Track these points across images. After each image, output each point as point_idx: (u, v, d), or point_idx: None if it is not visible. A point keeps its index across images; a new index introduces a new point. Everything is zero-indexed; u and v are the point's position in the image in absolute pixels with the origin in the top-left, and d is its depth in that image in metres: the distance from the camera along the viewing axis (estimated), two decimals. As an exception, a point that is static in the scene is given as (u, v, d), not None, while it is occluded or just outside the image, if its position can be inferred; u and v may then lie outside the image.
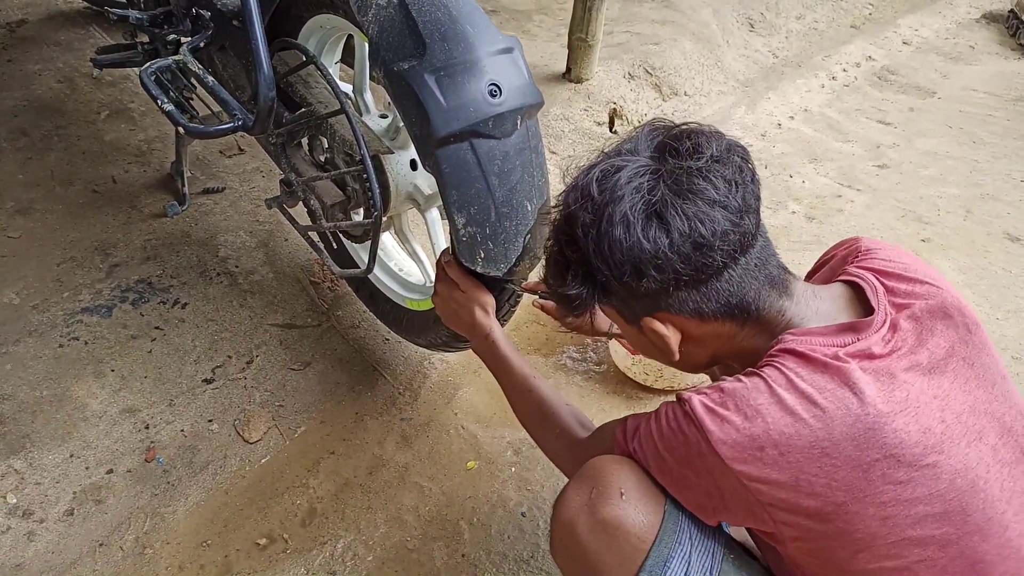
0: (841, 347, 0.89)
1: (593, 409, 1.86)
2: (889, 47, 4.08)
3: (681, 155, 0.92)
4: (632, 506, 0.97)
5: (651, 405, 1.88)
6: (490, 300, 1.37)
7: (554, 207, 1.03)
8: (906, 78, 3.76)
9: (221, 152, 2.54)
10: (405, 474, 1.70)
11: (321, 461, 1.71)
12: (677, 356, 1.01)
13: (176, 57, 1.43)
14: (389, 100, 1.71)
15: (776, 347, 0.92)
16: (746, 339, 0.98)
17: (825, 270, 1.15)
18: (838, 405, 0.85)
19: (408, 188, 1.60)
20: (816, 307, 0.96)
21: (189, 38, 1.83)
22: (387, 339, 2.00)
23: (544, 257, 1.08)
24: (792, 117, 3.29)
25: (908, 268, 1.00)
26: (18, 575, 1.46)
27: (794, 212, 2.66)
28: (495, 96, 1.24)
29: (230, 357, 1.88)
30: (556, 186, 1.13)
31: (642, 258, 0.90)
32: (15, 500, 1.56)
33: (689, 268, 0.90)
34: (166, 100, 1.31)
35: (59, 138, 2.50)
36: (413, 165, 1.59)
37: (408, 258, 1.84)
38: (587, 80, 2.82)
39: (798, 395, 0.86)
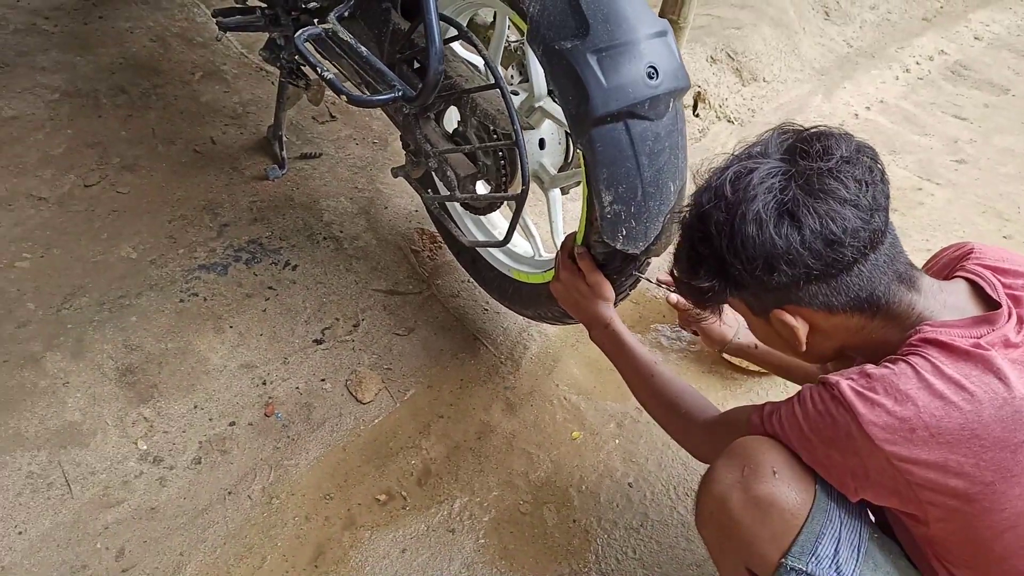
0: (979, 337, 0.94)
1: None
2: (961, 41, 4.05)
3: (811, 156, 0.97)
4: (785, 484, 1.02)
5: (745, 386, 1.93)
6: (611, 291, 1.44)
7: (686, 206, 1.09)
8: (979, 74, 3.74)
9: (314, 119, 2.59)
10: (513, 441, 1.75)
11: (431, 424, 1.76)
12: (804, 347, 1.05)
13: (326, 25, 1.46)
14: (516, 79, 1.76)
15: (915, 337, 0.96)
16: (875, 331, 1.02)
17: (936, 270, 1.18)
18: (985, 390, 0.89)
19: (534, 166, 1.64)
20: (944, 300, 1.01)
21: (314, 4, 1.87)
22: (486, 309, 2.05)
23: (674, 253, 1.14)
24: (868, 108, 3.28)
25: (1020, 262, 1.06)
26: (153, 517, 1.53)
27: (875, 203, 2.67)
28: (653, 78, 1.27)
29: (338, 319, 1.94)
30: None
31: (774, 253, 0.95)
32: (145, 447, 1.63)
33: (820, 263, 0.95)
34: (326, 68, 1.35)
35: (157, 97, 2.55)
36: (541, 144, 1.63)
37: (518, 231, 1.87)
38: (673, 62, 2.83)
39: (946, 380, 0.90)
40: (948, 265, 1.14)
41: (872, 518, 1.12)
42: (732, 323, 1.62)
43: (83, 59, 2.63)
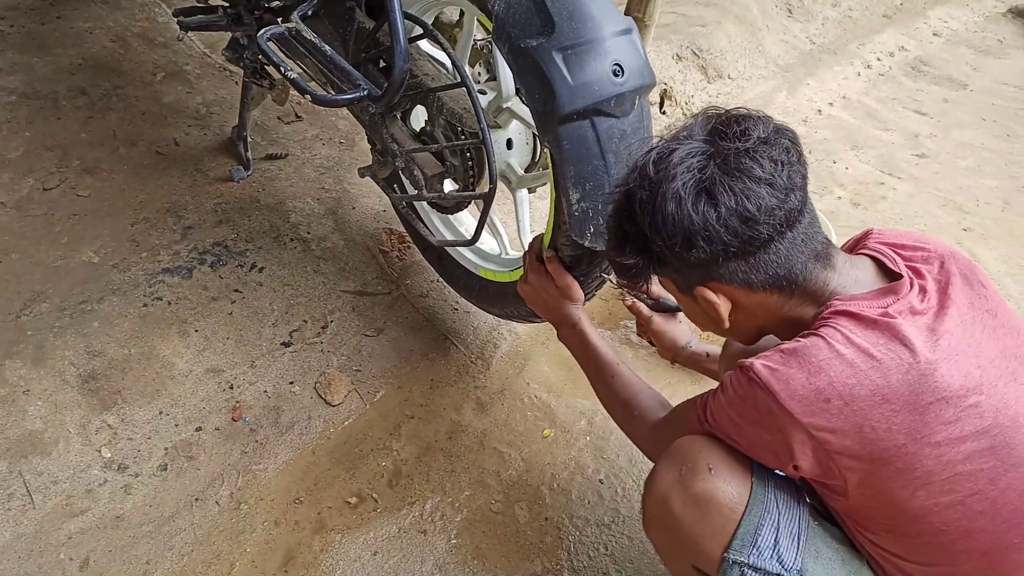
0: (886, 306, 0.98)
1: (660, 383, 1.91)
2: (920, 38, 4.12)
3: (730, 137, 0.99)
4: (721, 480, 1.05)
5: (714, 382, 1.94)
6: (580, 292, 1.45)
7: (616, 186, 1.11)
8: (938, 70, 3.81)
9: (279, 119, 2.56)
10: (484, 440, 1.75)
11: (402, 425, 1.76)
12: (727, 324, 1.08)
13: (290, 24, 1.45)
14: (483, 77, 1.76)
15: (827, 311, 1.00)
16: (793, 309, 1.05)
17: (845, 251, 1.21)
18: (892, 356, 0.93)
19: (502, 166, 1.64)
20: (855, 276, 1.04)
21: (276, 3, 1.85)
22: (456, 308, 2.04)
23: (606, 231, 1.16)
24: (831, 104, 3.33)
25: (917, 239, 1.11)
26: (119, 526, 1.50)
27: (839, 198, 2.71)
28: (618, 76, 1.27)
29: (306, 321, 1.92)
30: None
31: (691, 230, 0.98)
32: (110, 454, 1.60)
33: (736, 240, 0.98)
34: (290, 67, 1.34)
35: (118, 98, 2.50)
36: (509, 144, 1.62)
37: (486, 230, 1.87)
38: (639, 60, 2.85)
39: (855, 349, 0.94)
40: (850, 247, 1.17)
41: (810, 504, 1.14)
42: (685, 333, 1.64)
43: (41, 60, 2.57)
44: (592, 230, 1.36)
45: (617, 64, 1.27)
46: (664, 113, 2.91)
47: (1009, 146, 3.21)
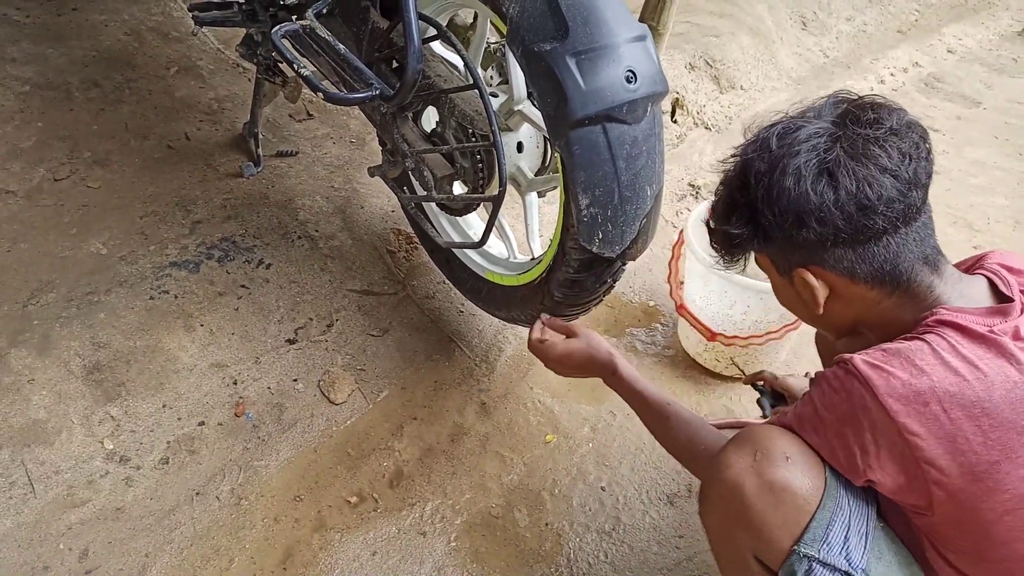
0: (992, 326, 0.95)
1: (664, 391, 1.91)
2: (935, 54, 4.10)
3: (861, 123, 0.98)
4: (799, 470, 1.02)
5: (719, 391, 1.94)
6: (596, 340, 1.42)
7: (730, 156, 1.10)
8: (952, 87, 3.79)
9: (291, 116, 2.57)
10: (486, 443, 1.74)
11: (404, 426, 1.75)
12: (821, 311, 1.06)
13: (304, 22, 1.45)
14: (495, 80, 1.76)
15: (932, 319, 0.98)
16: (891, 309, 1.03)
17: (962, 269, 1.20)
18: (998, 372, 0.91)
19: (512, 169, 1.64)
20: (962, 290, 1.02)
21: (291, 0, 1.86)
22: (462, 311, 2.04)
23: (713, 201, 1.14)
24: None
25: None
26: (119, 518, 1.50)
27: (849, 212, 2.70)
28: (631, 82, 1.27)
29: (311, 319, 1.92)
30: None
31: (806, 209, 0.97)
32: (112, 446, 1.60)
33: (850, 227, 0.96)
34: (303, 64, 1.34)
35: (130, 91, 2.52)
36: (519, 147, 1.62)
37: (494, 233, 1.87)
38: (652, 68, 2.84)
39: (961, 359, 0.92)
40: (968, 266, 1.15)
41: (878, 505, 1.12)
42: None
43: (55, 51, 2.58)
44: (601, 236, 1.36)
45: (631, 70, 1.27)
46: (675, 122, 2.90)
47: (1021, 165, 3.20)
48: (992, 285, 1.05)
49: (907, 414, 0.91)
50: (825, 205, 0.96)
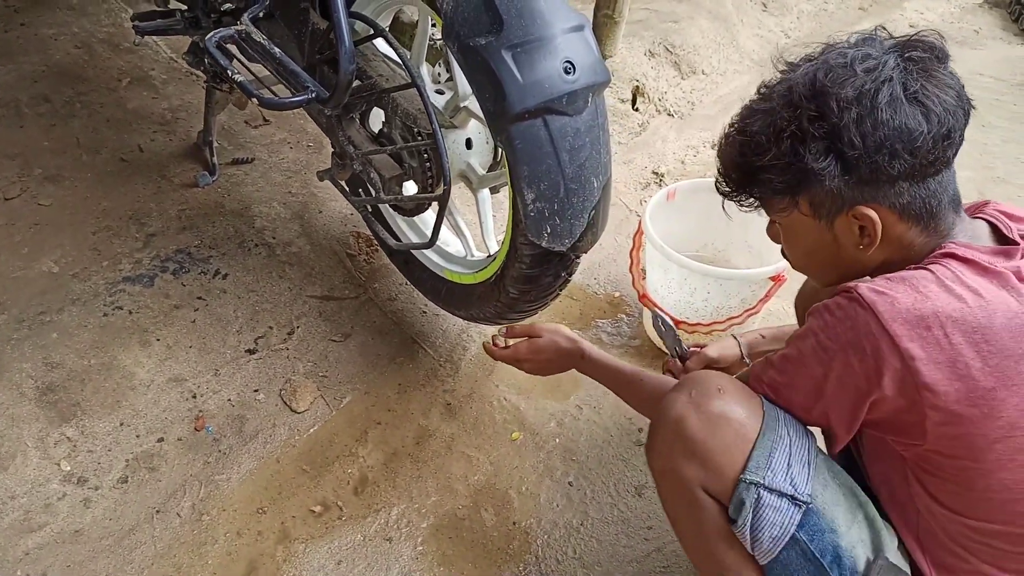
0: (997, 263, 0.96)
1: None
2: (896, 30, 4.05)
3: (930, 50, 0.96)
4: (733, 400, 1.06)
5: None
6: (557, 331, 1.48)
7: (775, 84, 1.02)
8: (914, 61, 3.81)
9: (247, 123, 2.53)
10: (452, 444, 1.73)
11: (368, 431, 1.73)
12: (872, 250, 1.02)
13: (239, 27, 1.42)
14: (443, 77, 1.73)
15: (939, 252, 0.98)
16: (917, 248, 1.01)
17: None
18: (999, 299, 0.92)
19: (462, 166, 1.62)
20: (972, 231, 1.02)
21: (229, 5, 1.83)
22: (424, 311, 2.02)
23: (748, 137, 1.04)
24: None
25: None
26: (77, 540, 1.48)
27: (813, 192, 2.70)
28: (569, 73, 1.25)
29: (271, 328, 1.89)
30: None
31: (904, 137, 0.93)
32: (69, 467, 1.57)
33: (931, 156, 0.94)
34: (236, 70, 1.31)
35: (81, 105, 2.47)
36: (468, 144, 1.60)
37: (450, 231, 1.85)
38: (610, 57, 2.83)
39: (964, 287, 0.93)
40: (967, 210, 1.14)
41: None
42: (732, 347, 1.57)
43: (4, 68, 2.54)
44: (549, 230, 1.34)
45: (568, 62, 1.25)
46: (637, 110, 2.89)
47: (984, 137, 3.21)
48: (994, 229, 1.04)
49: (910, 338, 0.91)
50: (921, 133, 0.92)
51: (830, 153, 0.96)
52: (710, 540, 1.08)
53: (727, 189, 1.11)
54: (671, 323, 1.61)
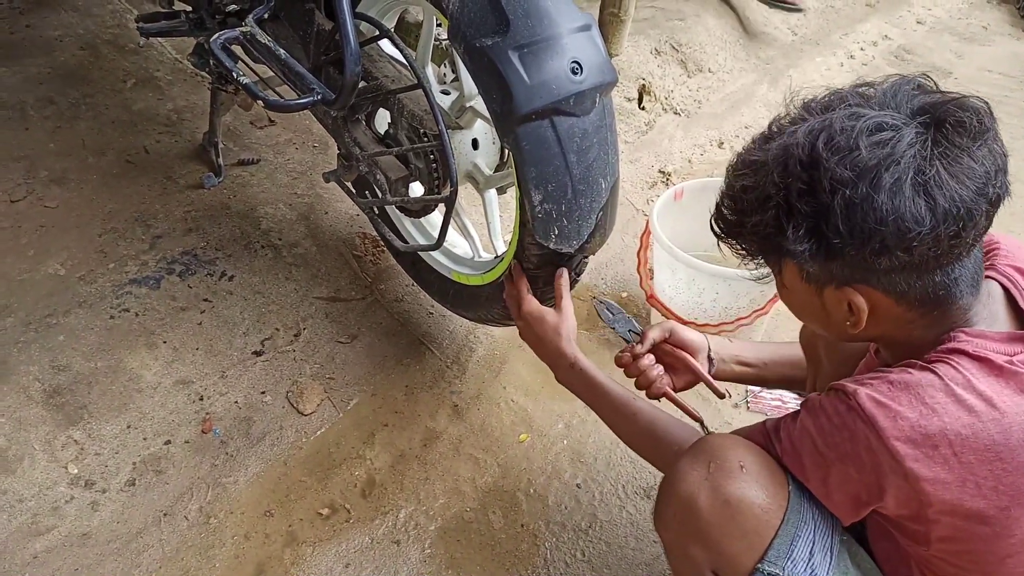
0: (1013, 355, 0.87)
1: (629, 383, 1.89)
2: (904, 26, 4.09)
3: (963, 131, 0.82)
4: (755, 482, 0.95)
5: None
6: (569, 326, 1.35)
7: (782, 143, 0.88)
8: (922, 58, 3.78)
9: (252, 123, 2.53)
10: (459, 446, 1.72)
11: (376, 433, 1.73)
12: (861, 328, 0.93)
13: (244, 28, 1.41)
14: (449, 77, 1.73)
15: (946, 345, 0.88)
16: (918, 329, 0.92)
17: None
18: (1016, 410, 0.83)
19: (468, 167, 1.61)
20: (992, 308, 0.92)
21: (234, 7, 1.82)
22: (431, 312, 2.01)
23: (743, 196, 0.93)
24: (814, 96, 3.30)
25: None
26: (85, 543, 1.48)
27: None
28: (577, 73, 1.24)
29: (278, 330, 1.89)
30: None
31: (897, 233, 0.81)
32: (76, 470, 1.57)
33: (933, 253, 0.83)
34: (241, 72, 1.31)
35: (87, 107, 2.47)
36: (475, 144, 1.60)
37: (457, 233, 1.84)
38: (617, 55, 2.82)
39: (977, 396, 0.83)
40: None
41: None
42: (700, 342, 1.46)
43: (9, 70, 2.53)
44: (557, 231, 1.34)
45: (575, 62, 1.24)
46: (643, 109, 2.88)
47: (993, 133, 3.19)
48: (1008, 296, 0.94)
49: (915, 458, 0.83)
50: (920, 232, 0.80)
51: (813, 235, 0.86)
52: None
53: (717, 232, 1.01)
54: (616, 305, 1.52)
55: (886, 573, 1.04)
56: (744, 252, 0.99)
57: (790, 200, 0.86)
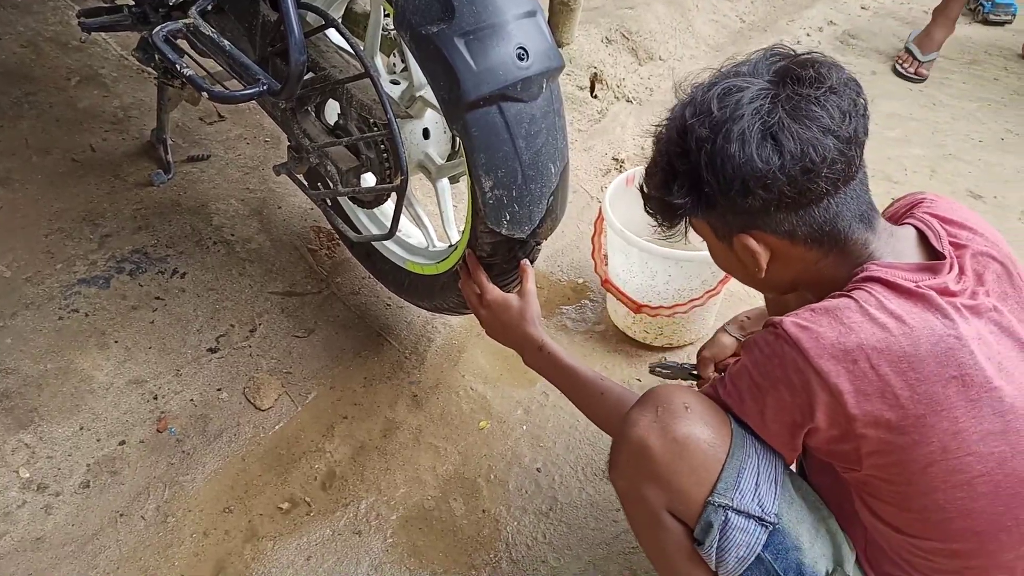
0: (921, 281, 0.96)
1: (597, 367, 1.91)
2: (848, 12, 4.16)
3: (802, 82, 0.96)
4: (700, 419, 1.04)
5: (651, 361, 1.94)
6: (534, 310, 1.39)
7: (664, 119, 1.07)
8: (867, 42, 3.86)
9: (201, 120, 2.49)
10: (419, 436, 1.73)
11: (335, 426, 1.72)
12: (764, 274, 1.06)
13: (187, 20, 1.40)
14: (399, 67, 1.72)
15: (861, 275, 0.98)
16: (828, 267, 1.03)
17: (888, 216, 1.18)
18: (924, 325, 0.92)
19: (420, 156, 1.61)
20: (894, 246, 1.02)
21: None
22: (389, 304, 2.01)
23: (647, 166, 1.12)
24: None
25: (966, 218, 1.07)
26: (39, 548, 1.45)
27: (771, 174, 2.73)
28: (523, 59, 1.25)
29: (233, 326, 1.87)
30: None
31: (753, 175, 0.95)
32: (28, 474, 1.54)
33: (794, 190, 0.95)
34: (186, 65, 1.29)
35: (30, 105, 2.41)
36: (426, 134, 1.60)
37: (411, 222, 1.84)
38: (567, 45, 2.83)
39: (888, 314, 0.93)
40: (900, 212, 1.15)
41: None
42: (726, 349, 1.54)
43: (-55, 69, 2.47)
44: (508, 217, 1.35)
45: (522, 48, 1.25)
46: (596, 97, 2.89)
47: (935, 115, 3.27)
48: (922, 237, 1.04)
49: (838, 373, 0.92)
50: (771, 171, 0.94)
51: (694, 189, 1.01)
52: (675, 561, 1.08)
53: (644, 207, 1.15)
54: (667, 360, 1.55)
55: (831, 507, 1.11)
56: (656, 216, 1.12)
57: (672, 163, 1.03)
